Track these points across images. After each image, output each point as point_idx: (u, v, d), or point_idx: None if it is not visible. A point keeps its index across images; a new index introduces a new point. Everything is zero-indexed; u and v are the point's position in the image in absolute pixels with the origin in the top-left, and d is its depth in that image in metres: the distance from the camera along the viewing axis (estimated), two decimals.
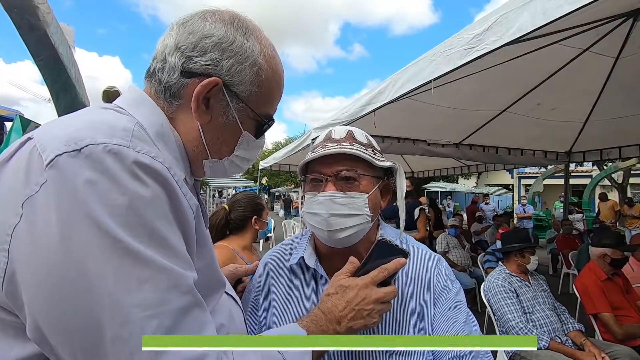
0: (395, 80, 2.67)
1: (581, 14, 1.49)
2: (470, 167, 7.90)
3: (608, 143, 5.41)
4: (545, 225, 12.13)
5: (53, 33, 1.77)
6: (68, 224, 0.43)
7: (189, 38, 0.62)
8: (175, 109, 0.64)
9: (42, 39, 1.74)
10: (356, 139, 0.89)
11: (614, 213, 10.20)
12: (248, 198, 1.97)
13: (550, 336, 2.36)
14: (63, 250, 0.43)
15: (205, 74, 0.62)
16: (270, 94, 0.70)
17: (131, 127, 0.53)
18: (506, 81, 3.64)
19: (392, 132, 4.51)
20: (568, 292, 5.38)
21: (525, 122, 4.66)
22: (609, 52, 3.25)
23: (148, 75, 0.66)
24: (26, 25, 1.66)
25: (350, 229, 0.83)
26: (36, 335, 0.45)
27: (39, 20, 1.65)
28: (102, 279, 0.43)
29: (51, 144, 0.46)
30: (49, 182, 0.44)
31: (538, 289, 2.64)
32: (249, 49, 0.64)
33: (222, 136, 0.67)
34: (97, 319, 0.43)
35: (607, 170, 12.49)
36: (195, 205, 0.59)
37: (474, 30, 1.90)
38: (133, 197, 0.47)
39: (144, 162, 0.49)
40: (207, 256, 0.65)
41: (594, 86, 3.93)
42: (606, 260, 2.78)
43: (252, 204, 1.93)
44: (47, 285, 0.43)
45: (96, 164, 0.46)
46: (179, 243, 0.52)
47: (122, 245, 0.44)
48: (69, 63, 2.04)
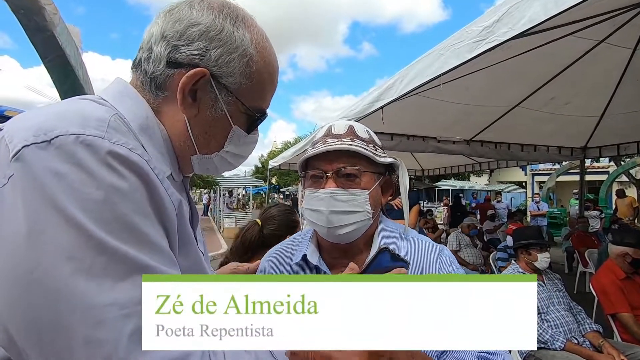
0: (403, 75, 2.63)
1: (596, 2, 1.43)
2: (482, 165, 7.78)
3: (625, 138, 5.27)
4: (561, 223, 11.89)
5: (60, 34, 1.78)
6: (36, 220, 0.41)
7: (175, 26, 0.59)
8: (161, 101, 0.60)
9: (50, 40, 1.75)
10: (357, 135, 0.87)
11: (632, 210, 9.94)
12: (283, 215, 1.81)
13: (566, 337, 2.30)
14: (30, 247, 0.40)
15: (192, 64, 0.58)
16: (262, 87, 0.66)
17: (107, 118, 0.49)
18: (518, 75, 3.56)
19: (401, 129, 4.46)
20: (584, 291, 5.26)
21: (538, 117, 4.56)
22: (626, 44, 3.14)
23: (134, 65, 0.63)
24: (33, 27, 1.67)
25: (351, 225, 0.83)
26: (2, 337, 0.42)
27: (45, 22, 1.66)
28: (73, 277, 0.40)
29: (19, 134, 0.44)
30: (16, 175, 0.42)
31: (553, 289, 2.56)
32: (239, 38, 0.61)
33: (211, 130, 0.63)
34: (68, 320, 0.40)
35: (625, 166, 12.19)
36: (177, 200, 0.55)
37: (483, 22, 1.85)
38: (108, 190, 0.44)
39: (119, 152, 0.46)
40: (193, 256, 0.62)
41: (610, 79, 3.81)
42: (627, 260, 2.69)
43: (288, 221, 1.78)
44: (14, 284, 0.41)
45: (67, 155, 0.43)
46: (160, 238, 0.49)
47: (96, 242, 0.42)
48: (76, 64, 2.05)
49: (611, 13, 2.49)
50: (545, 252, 2.66)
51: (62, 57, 1.86)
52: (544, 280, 2.61)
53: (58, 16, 1.72)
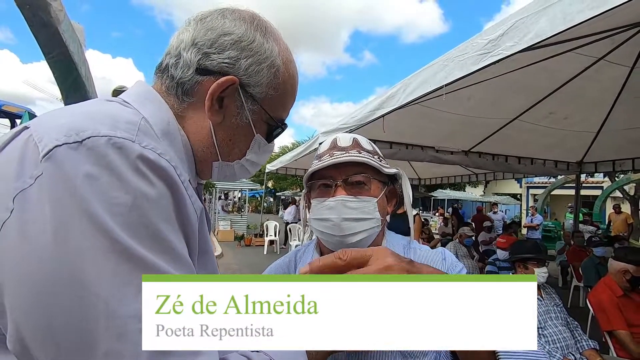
0: (406, 85, 2.64)
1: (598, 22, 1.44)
2: (479, 176, 7.81)
3: (621, 154, 5.32)
4: (554, 237, 11.92)
5: (64, 31, 1.78)
6: (63, 222, 0.39)
7: (207, 34, 0.60)
8: (186, 107, 0.61)
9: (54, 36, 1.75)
10: (362, 147, 0.88)
11: (627, 226, 9.99)
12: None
13: (563, 353, 2.28)
14: (56, 250, 0.39)
15: (222, 72, 0.59)
16: (285, 98, 0.68)
17: (137, 121, 0.49)
18: (518, 89, 3.59)
19: (400, 138, 4.47)
20: (579, 306, 5.26)
21: (536, 130, 4.60)
22: (624, 61, 3.19)
23: (159, 70, 0.63)
24: (38, 22, 1.67)
25: (362, 233, 0.82)
26: (18, 346, 0.40)
27: (50, 17, 1.66)
28: (98, 285, 0.39)
29: (49, 133, 0.43)
30: (45, 175, 0.41)
31: (550, 303, 2.55)
32: (268, 49, 0.62)
33: (234, 138, 0.64)
34: (91, 329, 0.39)
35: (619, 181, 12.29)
36: (200, 208, 0.55)
37: (488, 35, 1.86)
38: (136, 196, 0.43)
39: (149, 157, 0.46)
40: (210, 265, 0.61)
41: (608, 96, 3.86)
42: (626, 277, 2.68)
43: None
44: (35, 288, 0.39)
45: (98, 157, 0.42)
46: (183, 248, 0.48)
47: (121, 248, 0.41)
48: (79, 61, 2.05)
49: (610, 31, 2.54)
50: (543, 267, 2.65)
51: (66, 53, 1.85)
52: (541, 295, 2.59)
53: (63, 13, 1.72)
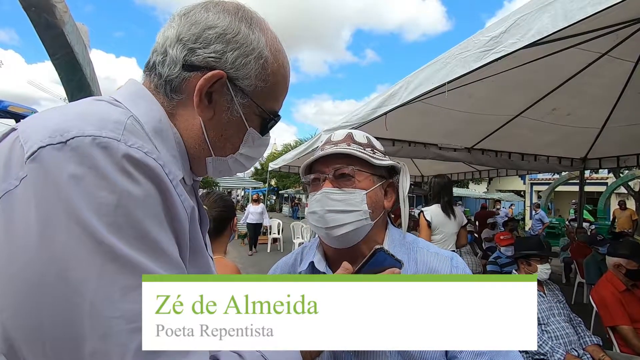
0: (408, 82, 2.63)
1: (601, 17, 1.43)
2: (482, 173, 7.77)
3: (625, 150, 5.27)
4: (558, 233, 11.87)
5: (69, 32, 1.79)
6: (48, 223, 0.40)
7: (191, 29, 0.58)
8: (176, 104, 0.60)
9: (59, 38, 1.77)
10: (355, 140, 0.89)
11: (632, 222, 9.93)
12: (223, 197, 1.77)
13: (566, 349, 2.28)
14: (42, 251, 0.39)
15: (209, 67, 0.58)
16: (276, 89, 0.66)
17: (124, 120, 0.49)
18: (521, 85, 3.57)
19: (403, 135, 4.46)
20: (582, 302, 5.24)
21: (539, 127, 4.56)
22: (629, 57, 3.16)
23: (147, 68, 0.62)
24: (43, 24, 1.68)
25: (348, 225, 0.82)
26: (5, 346, 0.40)
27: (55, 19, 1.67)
28: (84, 285, 0.39)
29: (35, 135, 0.43)
30: (30, 176, 0.41)
31: (553, 300, 2.55)
32: (255, 40, 0.61)
33: (226, 133, 0.63)
34: (77, 329, 0.39)
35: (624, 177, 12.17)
36: (190, 207, 0.54)
37: (490, 33, 1.85)
38: (122, 195, 0.43)
39: (135, 156, 0.45)
40: (203, 265, 0.61)
41: (612, 91, 3.82)
42: (621, 271, 2.69)
43: (230, 203, 1.73)
44: (22, 289, 0.39)
45: (83, 157, 0.42)
46: (172, 247, 0.48)
47: (108, 249, 0.41)
48: (84, 62, 2.06)
49: (615, 26, 2.51)
50: (545, 263, 2.64)
51: (71, 54, 1.87)
52: (544, 291, 2.59)
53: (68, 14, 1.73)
